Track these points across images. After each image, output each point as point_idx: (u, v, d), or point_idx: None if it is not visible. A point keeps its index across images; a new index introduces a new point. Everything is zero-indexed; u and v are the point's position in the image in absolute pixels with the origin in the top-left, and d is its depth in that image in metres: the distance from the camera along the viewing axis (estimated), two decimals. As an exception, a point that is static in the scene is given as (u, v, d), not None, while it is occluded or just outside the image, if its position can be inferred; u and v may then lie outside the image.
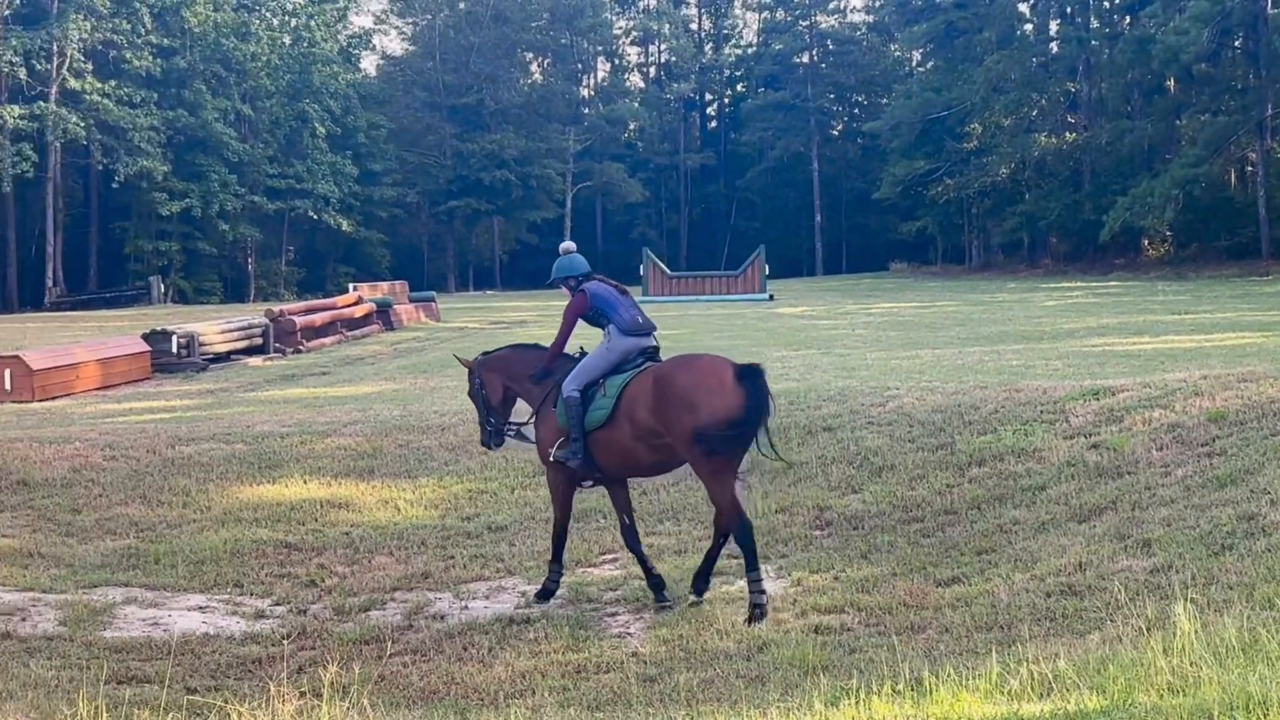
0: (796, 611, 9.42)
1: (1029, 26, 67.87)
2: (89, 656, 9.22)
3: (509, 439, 10.89)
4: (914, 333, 26.64)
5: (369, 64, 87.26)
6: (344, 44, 78.94)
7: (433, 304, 41.17)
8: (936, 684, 6.24)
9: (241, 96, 68.63)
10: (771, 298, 43.77)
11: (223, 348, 26.91)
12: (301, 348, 29.01)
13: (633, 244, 75.03)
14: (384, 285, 43.31)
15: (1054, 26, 67.14)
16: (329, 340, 30.97)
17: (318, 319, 31.26)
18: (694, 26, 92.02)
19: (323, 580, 11.11)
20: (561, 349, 10.39)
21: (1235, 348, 19.46)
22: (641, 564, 10.21)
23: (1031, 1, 67.72)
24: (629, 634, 9.33)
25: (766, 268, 46.10)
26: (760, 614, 9.31)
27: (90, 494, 13.81)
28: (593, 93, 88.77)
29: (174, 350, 25.05)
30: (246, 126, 69.19)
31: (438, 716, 7.65)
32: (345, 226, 70.61)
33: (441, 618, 9.98)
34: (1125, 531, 10.00)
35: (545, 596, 10.21)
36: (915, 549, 10.72)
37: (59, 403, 20.84)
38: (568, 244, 10.67)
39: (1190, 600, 7.22)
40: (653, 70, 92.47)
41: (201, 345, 25.76)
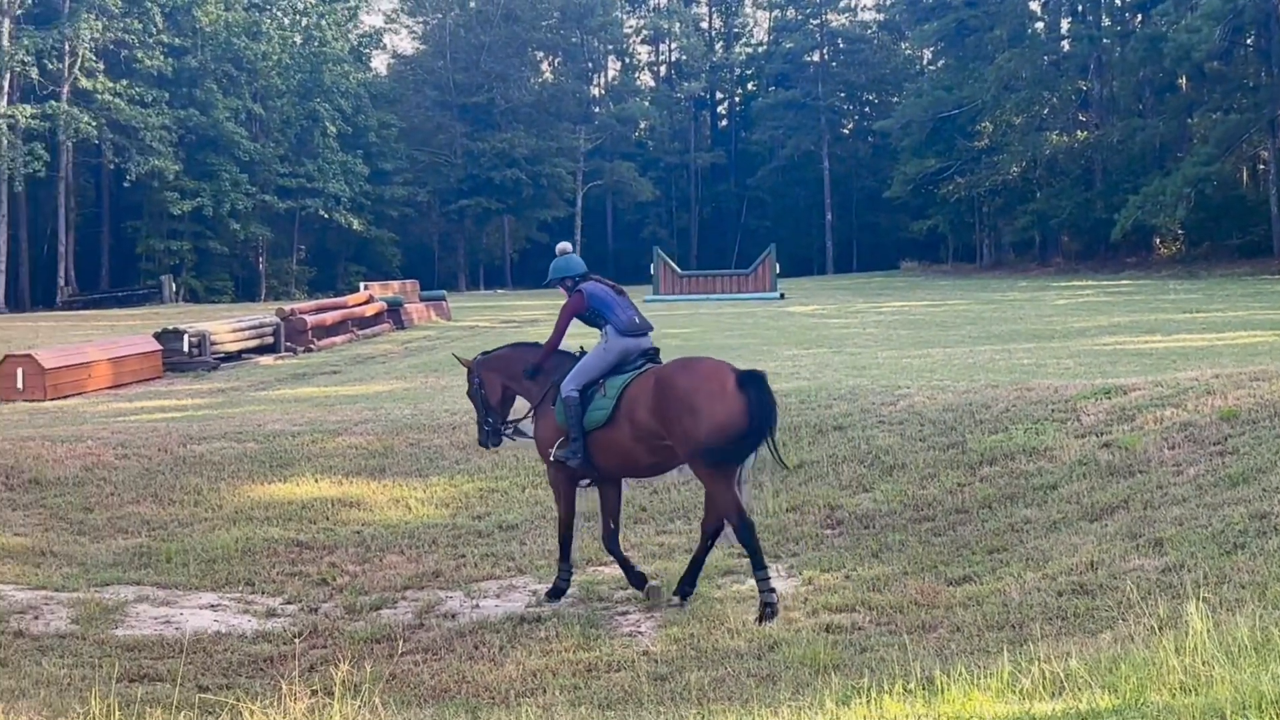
0: (808, 610, 9.42)
1: (1040, 25, 67.78)
2: (101, 654, 9.24)
3: (506, 438, 10.96)
4: (925, 331, 26.61)
5: (380, 63, 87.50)
6: (355, 43, 79.03)
7: (443, 303, 41.21)
8: (948, 683, 6.24)
9: (253, 96, 68.75)
10: (782, 296, 43.74)
11: (234, 347, 26.97)
12: (312, 346, 29.06)
13: (643, 243, 75.00)
14: (395, 284, 43.34)
15: (1065, 24, 66.97)
16: (340, 339, 31.02)
17: (329, 318, 31.31)
18: (704, 25, 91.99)
19: (334, 579, 11.12)
20: (556, 347, 10.41)
21: (1247, 346, 19.43)
22: (621, 565, 10.29)
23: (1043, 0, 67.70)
24: (640, 633, 9.34)
25: (777, 266, 46.05)
26: (771, 612, 9.31)
27: (102, 492, 13.84)
28: (603, 91, 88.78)
29: (185, 349, 25.11)
30: (257, 125, 69.29)
31: (449, 715, 7.65)
32: (356, 225, 70.69)
33: (453, 616, 9.99)
34: (1137, 530, 9.98)
35: (556, 595, 10.22)
36: (926, 548, 10.71)
37: (71, 401, 20.89)
38: (564, 245, 10.71)
39: (1202, 599, 7.19)
40: (663, 69, 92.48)
41: (213, 344, 25.81)
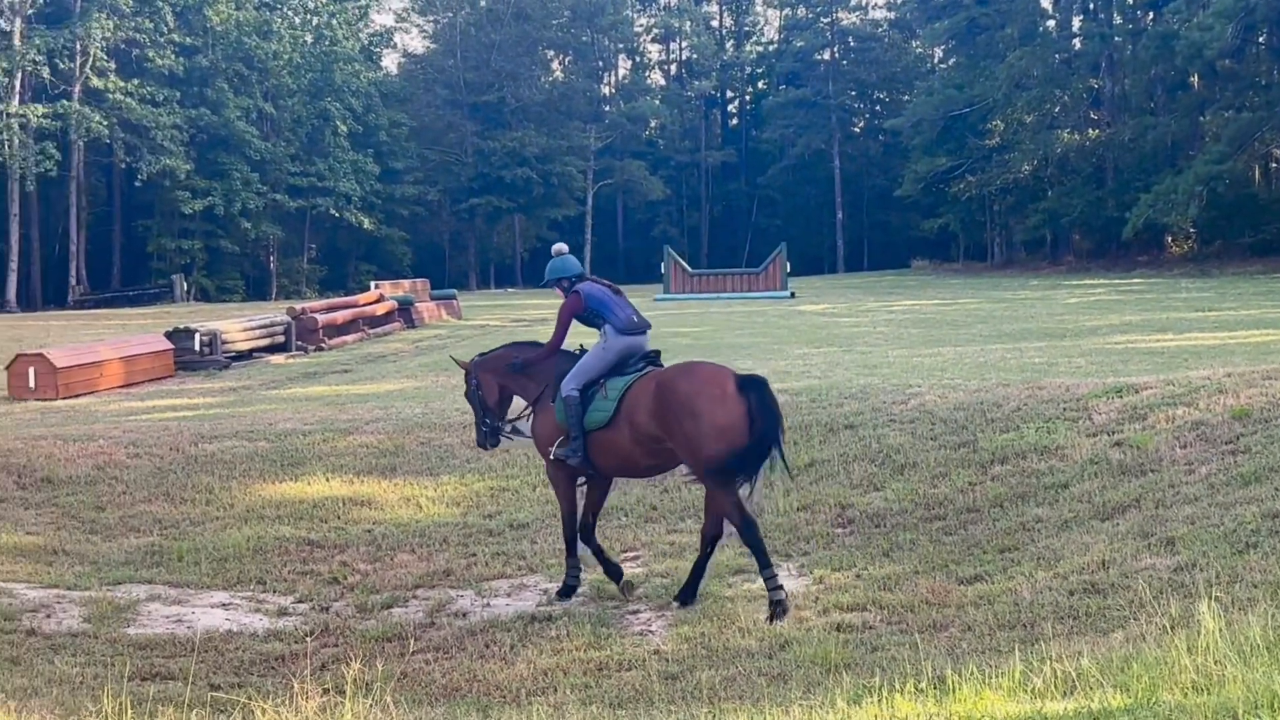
0: (818, 609, 9.41)
1: (1051, 23, 67.60)
2: (113, 653, 9.26)
3: (505, 438, 11.05)
4: (936, 330, 26.58)
5: (390, 62, 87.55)
6: (365, 42, 79.08)
7: (454, 302, 41.25)
8: (959, 682, 6.23)
9: (263, 95, 68.81)
10: (793, 295, 43.70)
11: (245, 345, 27.01)
12: (323, 345, 29.09)
13: (654, 241, 75.00)
14: (405, 283, 43.33)
15: (1077, 23, 66.82)
16: (351, 338, 31.05)
17: (339, 317, 31.35)
18: (715, 23, 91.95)
19: (345, 578, 11.14)
20: (558, 348, 10.45)
21: (1259, 345, 19.38)
22: (597, 557, 10.40)
23: (1054, -2, 67.60)
24: (651, 632, 9.34)
25: (788, 265, 46.01)
26: (781, 610, 9.30)
27: (114, 491, 13.88)
28: (614, 90, 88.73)
29: (196, 348, 25.16)
30: (268, 125, 69.36)
31: (460, 713, 7.66)
32: (367, 224, 70.74)
33: (463, 615, 10.00)
34: (1149, 529, 9.96)
35: (567, 593, 10.24)
36: (937, 547, 10.70)
37: (83, 400, 20.94)
38: (559, 246, 10.77)
39: (1214, 598, 7.18)
40: (674, 67, 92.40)
41: (224, 343, 25.86)
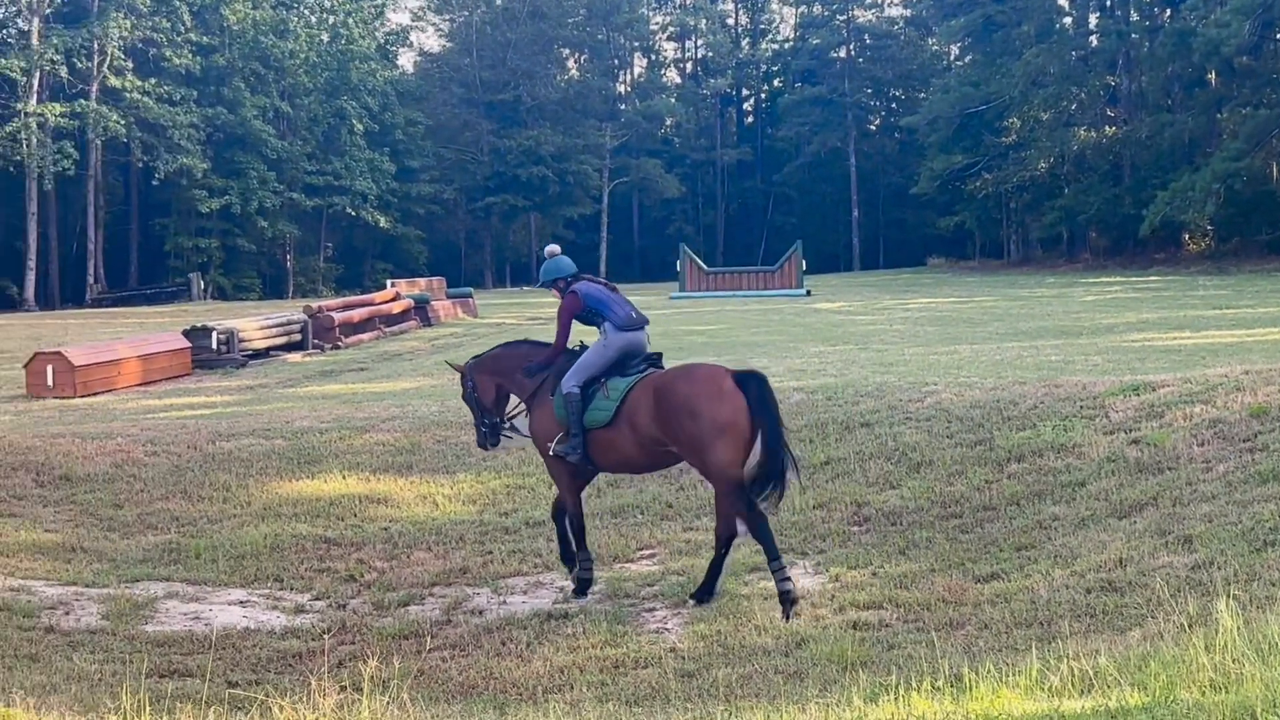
0: (835, 607, 9.41)
1: (1068, 20, 67.40)
2: (131, 650, 9.30)
3: (504, 436, 11.15)
4: (952, 328, 26.53)
5: (406, 61, 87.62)
6: (381, 41, 79.18)
7: (470, 300, 41.29)
8: (976, 680, 6.23)
9: (280, 94, 68.95)
10: (809, 293, 43.66)
11: (262, 344, 27.07)
12: (340, 344, 29.14)
13: (669, 239, 74.97)
14: (421, 281, 43.38)
15: (1093, 20, 66.60)
16: (367, 336, 31.10)
17: (356, 315, 31.40)
18: (730, 21, 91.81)
19: (362, 575, 11.16)
20: (563, 348, 10.52)
21: (1277, 343, 19.32)
22: (560, 540, 10.58)
23: (1070, -5, 67.37)
24: (667, 629, 9.34)
25: (803, 263, 45.95)
26: (790, 599, 9.35)
27: (132, 489, 13.92)
28: (629, 88, 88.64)
29: (214, 346, 25.22)
30: (285, 124, 69.50)
31: (477, 711, 7.67)
32: (383, 223, 70.83)
33: (480, 613, 10.02)
34: (1166, 527, 9.93)
35: (582, 589, 10.26)
36: (954, 545, 10.69)
37: (101, 398, 21.01)
38: (552, 247, 10.88)
39: (1232, 597, 7.16)
40: (689, 65, 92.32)
41: (241, 341, 25.92)
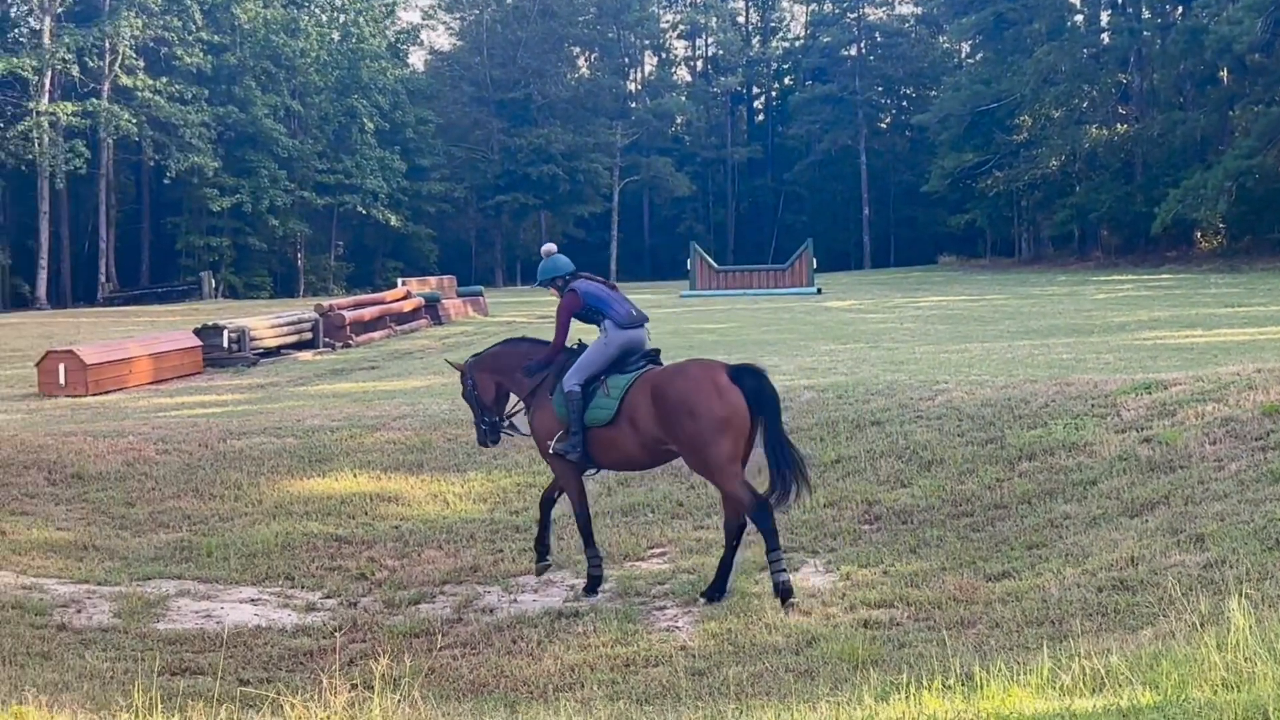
0: (846, 606, 9.40)
1: (1079, 17, 67.22)
2: (143, 648, 9.32)
3: (504, 433, 11.24)
4: (963, 326, 26.49)
5: (417, 59, 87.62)
6: (392, 40, 79.17)
7: (480, 298, 41.28)
8: (987, 679, 6.22)
9: (291, 92, 68.99)
10: (819, 291, 43.62)
11: (273, 342, 27.09)
12: (351, 342, 29.17)
13: (680, 238, 74.90)
14: (432, 280, 43.39)
15: (1105, 17, 66.45)
16: (378, 335, 31.12)
17: (366, 314, 31.41)
18: (741, 19, 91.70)
19: (373, 573, 11.18)
20: (562, 346, 10.58)
21: (1290, 341, 19.26)
22: (541, 527, 10.75)
23: (1081, -8, 67.20)
24: (677, 628, 9.35)
25: (814, 261, 45.91)
26: (786, 590, 9.47)
27: (143, 487, 13.95)
28: (640, 87, 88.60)
29: (225, 345, 25.24)
30: (296, 122, 69.56)
31: (487, 709, 7.68)
32: (394, 221, 70.86)
33: (491, 611, 10.03)
34: (1178, 526, 9.91)
35: (593, 586, 10.27)
36: (965, 543, 10.68)
37: (112, 397, 21.04)
38: (549, 246, 10.95)
39: (1244, 595, 7.15)
40: (700, 64, 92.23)
41: (252, 340, 25.94)
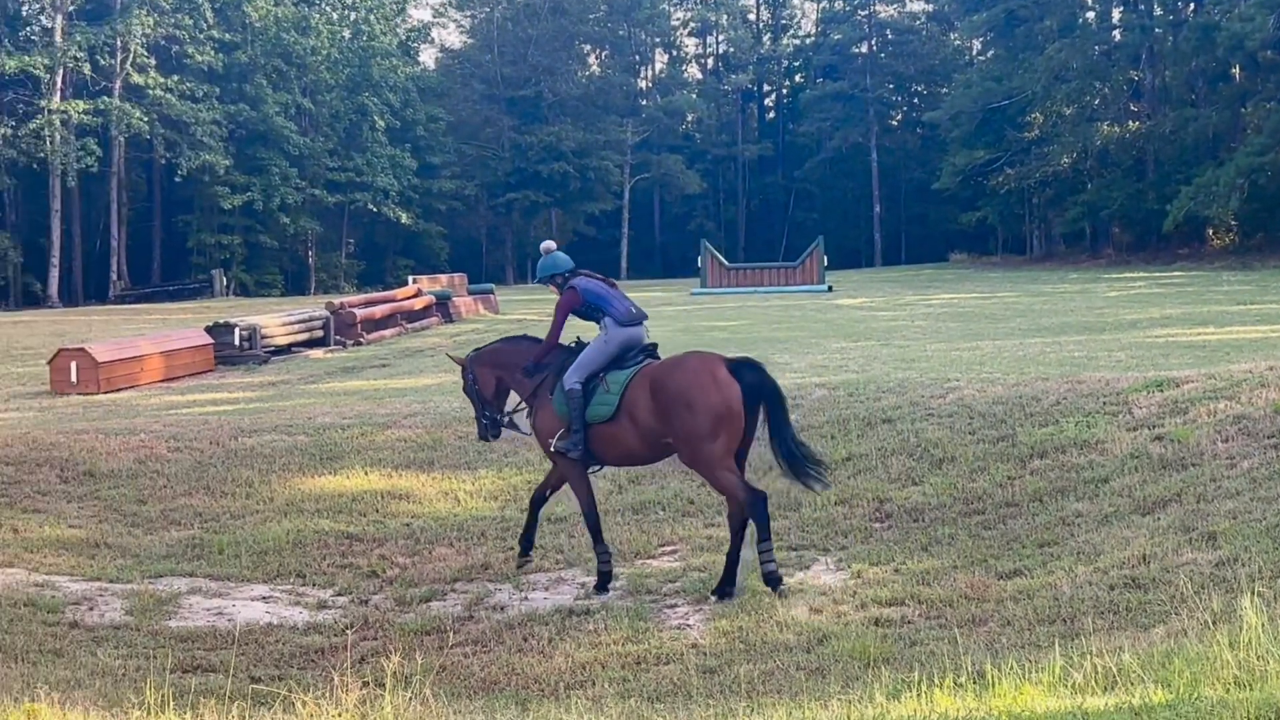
0: (857, 604, 9.40)
1: (1091, 14, 67.05)
2: (155, 646, 9.34)
3: (505, 429, 11.36)
4: (974, 324, 26.45)
5: (428, 57, 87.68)
6: (403, 37, 79.21)
7: (491, 296, 41.28)
8: (999, 677, 6.22)
9: (302, 90, 69.08)
10: (830, 289, 43.57)
11: (284, 340, 27.11)
12: (362, 340, 29.19)
13: (690, 235, 74.90)
14: (443, 278, 43.37)
15: (1116, 14, 66.26)
16: (389, 332, 31.14)
17: (378, 311, 31.43)
18: (752, 17, 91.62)
19: (384, 571, 11.20)
20: (556, 343, 10.64)
21: (1302, 338, 19.21)
22: (529, 524, 10.97)
23: (1093, -11, 67.04)
24: (688, 625, 9.34)
25: (825, 259, 45.83)
26: (775, 579, 9.66)
27: (155, 485, 13.98)
28: (650, 84, 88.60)
29: (236, 343, 25.27)
30: (307, 120, 69.63)
31: (499, 707, 7.68)
32: (404, 219, 70.92)
33: (502, 609, 10.04)
34: (1190, 524, 9.89)
35: (604, 583, 10.28)
36: (976, 541, 10.67)
37: (124, 394, 21.08)
38: (548, 243, 11.00)
39: (1257, 593, 7.13)
40: (710, 61, 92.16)
41: (263, 338, 25.97)
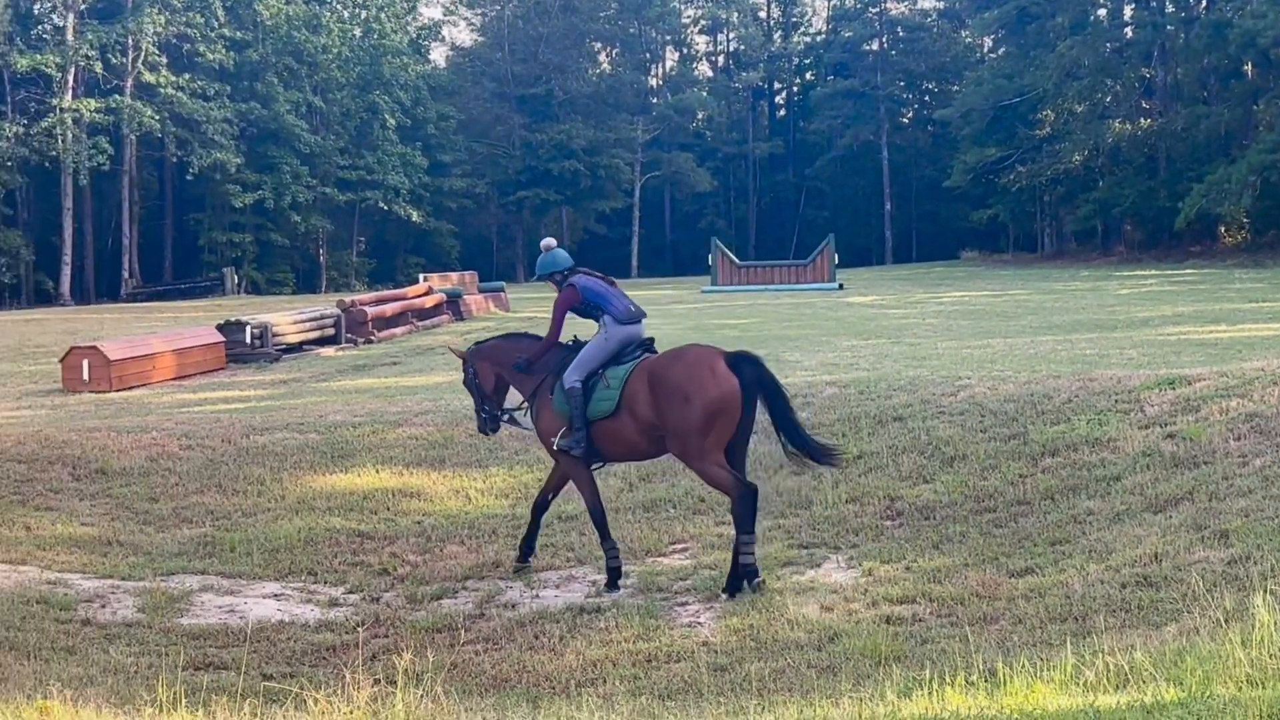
0: (867, 602, 9.39)
1: (1103, 11, 66.88)
2: (167, 643, 9.36)
3: (504, 424, 11.37)
4: (985, 322, 26.41)
5: (438, 55, 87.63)
6: (413, 35, 79.24)
7: (502, 294, 41.31)
8: (1010, 675, 6.22)
9: (313, 88, 69.12)
10: (841, 287, 43.54)
11: (295, 338, 27.14)
12: (373, 338, 29.22)
13: (701, 233, 74.85)
14: (454, 275, 43.40)
15: (1128, 11, 66.09)
16: (400, 330, 31.17)
17: (388, 309, 31.45)
18: (762, 14, 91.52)
19: (395, 569, 11.21)
20: (555, 341, 10.68)
21: (1315, 336, 19.15)
22: (530, 530, 10.92)
23: (1105, -14, 66.91)
24: (699, 623, 9.35)
25: (836, 257, 45.76)
26: (752, 571, 9.77)
27: (167, 483, 14.00)
28: (661, 82, 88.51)
29: (248, 341, 25.30)
30: (318, 118, 69.67)
31: (510, 704, 7.69)
32: (415, 217, 70.95)
33: (513, 606, 10.04)
34: (1202, 522, 9.87)
35: (613, 579, 10.29)
36: (988, 539, 10.66)
37: (136, 392, 21.12)
38: (548, 240, 11.06)
39: (1269, 591, 7.12)
40: (721, 59, 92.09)
41: (274, 336, 26.00)
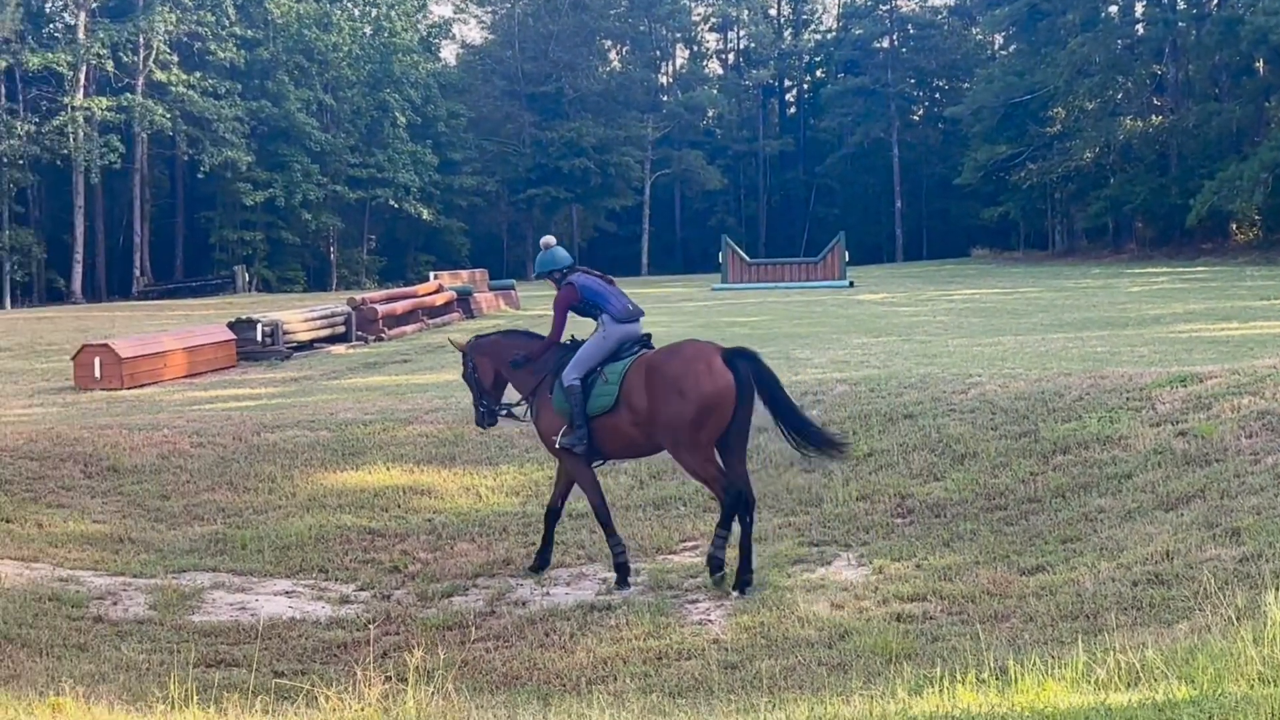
0: (878, 599, 9.39)
1: (1114, 8, 66.72)
2: (178, 640, 9.39)
3: (501, 419, 11.43)
4: (996, 319, 26.38)
5: (449, 53, 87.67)
6: (424, 33, 79.24)
7: (512, 292, 41.34)
8: (1022, 673, 6.21)
9: (323, 87, 69.17)
10: (852, 284, 43.51)
11: (306, 336, 27.18)
12: (383, 336, 29.25)
13: (711, 231, 74.84)
14: (464, 273, 43.49)
15: (1139, 8, 65.99)
16: (410, 328, 31.20)
17: (399, 307, 31.49)
18: (773, 12, 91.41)
19: (406, 566, 11.23)
20: (557, 340, 10.71)
21: (1327, 333, 19.10)
22: (545, 539, 10.90)
23: (1116, -17, 66.75)
24: (710, 621, 9.35)
25: (846, 254, 45.74)
26: (718, 564, 9.92)
27: (178, 480, 14.03)
28: (671, 80, 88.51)
29: (259, 338, 25.34)
30: (328, 116, 69.73)
31: (520, 701, 7.70)
32: (425, 215, 70.99)
33: (523, 604, 10.06)
34: (1214, 520, 9.86)
35: (623, 576, 10.30)
36: (998, 537, 10.65)
37: (147, 390, 21.16)
38: (548, 239, 11.09)
39: (1281, 590, 7.10)
40: (731, 56, 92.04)
41: (285, 333, 26.04)
